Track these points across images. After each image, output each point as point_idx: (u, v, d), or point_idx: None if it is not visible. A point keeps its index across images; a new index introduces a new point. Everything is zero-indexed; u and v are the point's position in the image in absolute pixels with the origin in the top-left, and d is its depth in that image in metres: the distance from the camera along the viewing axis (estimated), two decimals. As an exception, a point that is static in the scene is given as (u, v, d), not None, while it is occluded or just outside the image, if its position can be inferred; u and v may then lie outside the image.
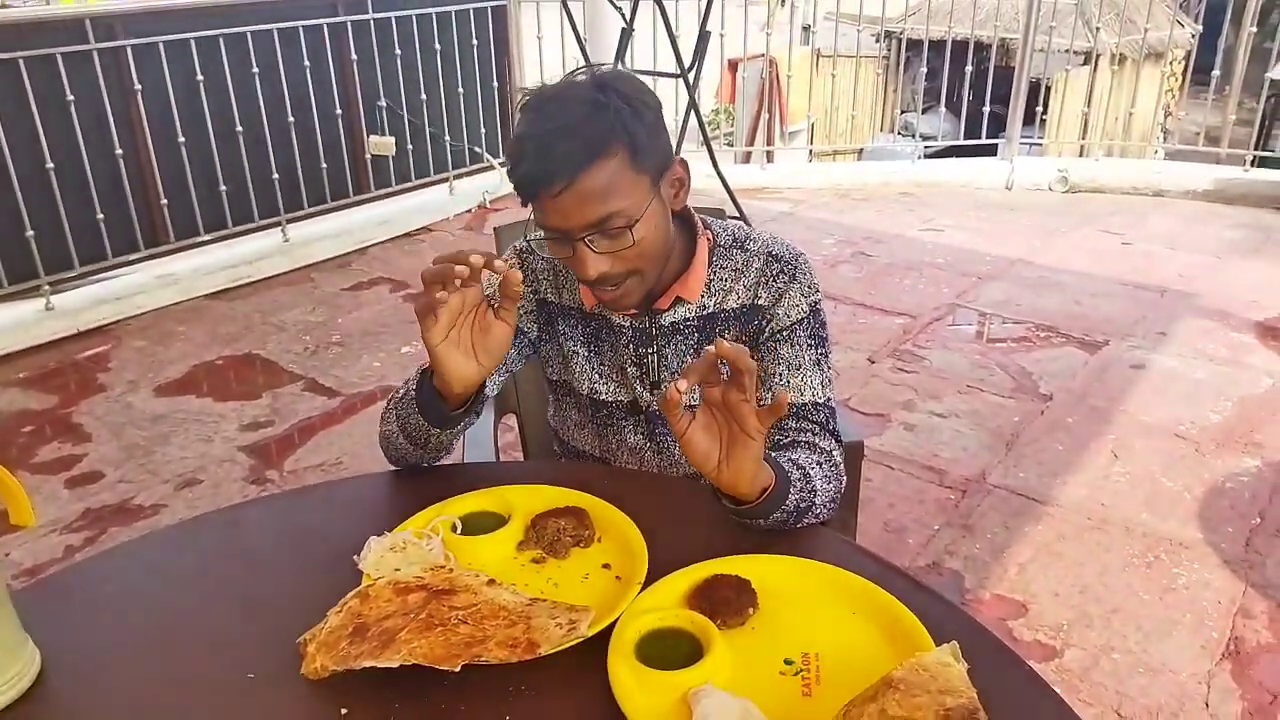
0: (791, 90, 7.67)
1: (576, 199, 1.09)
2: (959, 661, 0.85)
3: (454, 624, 0.90)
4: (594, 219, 1.10)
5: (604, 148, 1.09)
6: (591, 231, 1.11)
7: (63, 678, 0.92)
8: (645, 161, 1.13)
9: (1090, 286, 3.95)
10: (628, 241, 1.13)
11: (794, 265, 1.27)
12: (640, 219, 1.13)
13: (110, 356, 3.50)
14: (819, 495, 1.13)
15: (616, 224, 1.11)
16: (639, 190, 1.13)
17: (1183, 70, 7.00)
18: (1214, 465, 2.67)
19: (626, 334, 1.30)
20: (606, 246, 1.13)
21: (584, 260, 1.13)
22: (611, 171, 1.10)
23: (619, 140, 1.10)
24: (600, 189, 1.09)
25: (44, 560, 2.36)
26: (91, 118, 3.74)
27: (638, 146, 1.11)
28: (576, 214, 1.10)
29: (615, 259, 1.14)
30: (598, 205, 1.10)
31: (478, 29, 5.07)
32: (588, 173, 1.08)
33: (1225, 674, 1.95)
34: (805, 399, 1.24)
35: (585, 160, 1.08)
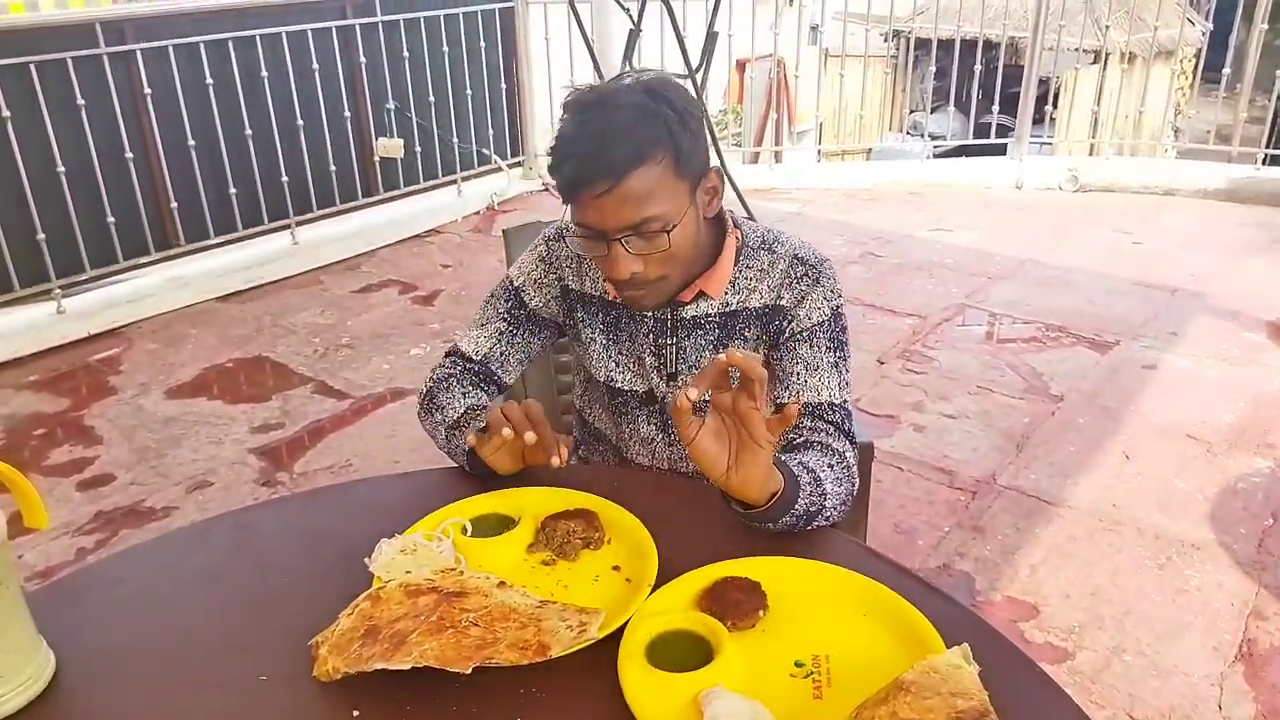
0: (800, 90, 7.68)
1: (617, 201, 1.12)
2: (970, 664, 0.84)
3: (465, 626, 0.91)
4: (632, 221, 1.13)
5: (651, 153, 1.11)
6: (628, 233, 1.14)
7: (76, 680, 0.93)
8: (687, 169, 1.15)
9: (1101, 286, 3.93)
10: (663, 245, 1.15)
11: (819, 269, 1.29)
12: (677, 225, 1.15)
13: (121, 359, 3.51)
14: (829, 499, 1.13)
15: (653, 228, 1.14)
16: (678, 197, 1.15)
17: (1193, 68, 6.98)
18: (1226, 466, 2.65)
19: (647, 324, 1.32)
20: (641, 248, 1.15)
21: (617, 260, 1.15)
22: (655, 177, 1.12)
23: (665, 147, 1.12)
24: (642, 193, 1.12)
25: (56, 562, 2.37)
26: (102, 121, 3.76)
27: (682, 154, 1.14)
28: (615, 215, 1.13)
29: (647, 261, 1.16)
30: (638, 208, 1.12)
31: (485, 31, 5.08)
32: (631, 177, 1.11)
33: (1238, 676, 1.93)
34: (822, 398, 1.25)
35: (632, 164, 1.11)
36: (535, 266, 1.36)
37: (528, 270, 1.37)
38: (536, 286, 1.36)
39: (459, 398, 1.29)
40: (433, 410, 1.31)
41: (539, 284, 1.36)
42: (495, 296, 1.39)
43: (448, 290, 4.09)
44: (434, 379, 1.35)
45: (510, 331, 1.37)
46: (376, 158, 4.83)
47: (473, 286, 4.10)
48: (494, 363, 1.36)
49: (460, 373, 1.35)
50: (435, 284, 4.16)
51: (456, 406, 1.28)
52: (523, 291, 1.36)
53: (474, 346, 1.37)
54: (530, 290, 1.36)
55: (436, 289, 4.11)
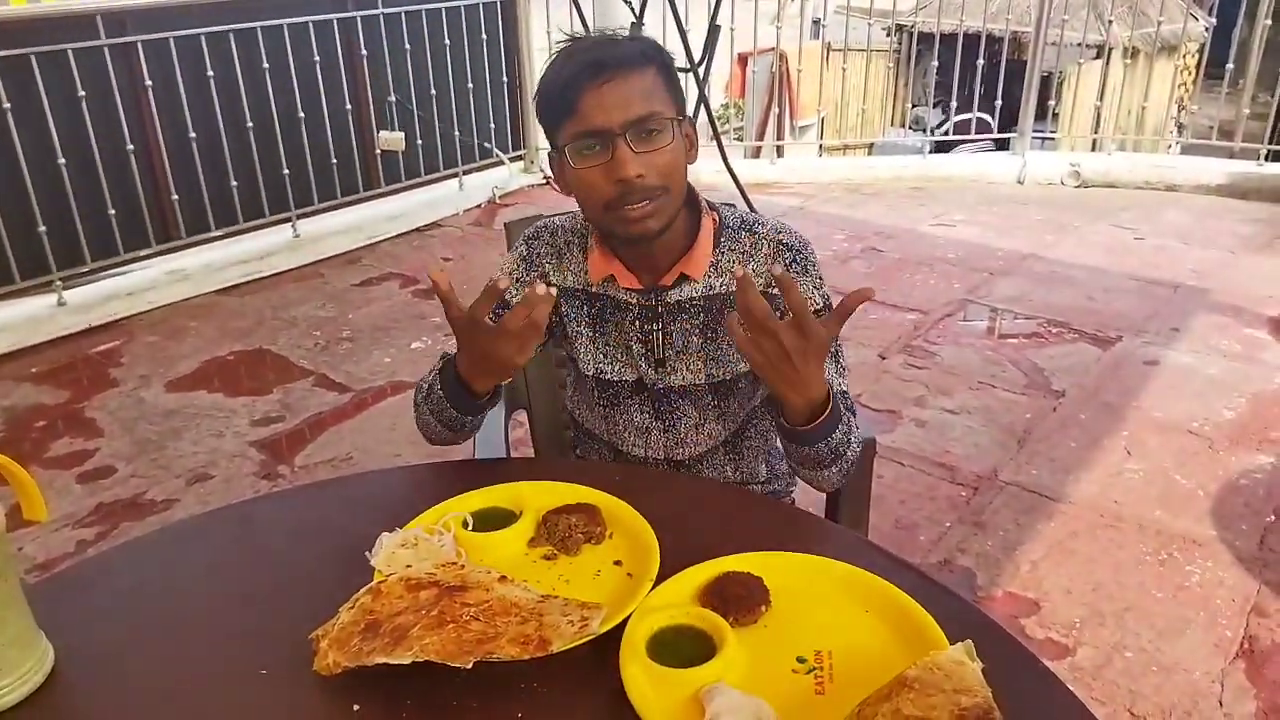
0: (802, 84, 7.66)
1: (621, 92, 1.15)
2: (974, 660, 0.84)
3: (466, 621, 0.90)
4: (635, 115, 1.15)
5: (646, 60, 1.19)
6: (634, 127, 1.16)
7: (76, 673, 0.92)
8: (674, 95, 1.21)
9: (1103, 282, 3.93)
10: (663, 141, 1.17)
11: (804, 255, 1.30)
12: (671, 123, 1.18)
13: (122, 352, 3.51)
14: (851, 448, 1.20)
15: (654, 125, 1.17)
16: (669, 106, 1.20)
17: (1196, 64, 6.96)
18: (1228, 462, 2.65)
19: (632, 311, 1.31)
20: (645, 147, 1.17)
21: (624, 159, 1.16)
22: (651, 78, 1.18)
23: (656, 64, 1.20)
24: (643, 88, 1.17)
25: (56, 555, 2.37)
26: (102, 113, 3.75)
27: (670, 78, 1.21)
28: (619, 107, 1.15)
29: (650, 164, 1.17)
30: (640, 102, 1.16)
31: (487, 24, 5.06)
32: (635, 71, 1.17)
33: (1239, 673, 1.93)
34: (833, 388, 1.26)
35: (632, 60, 1.17)
36: (517, 265, 1.36)
37: (509, 270, 1.36)
38: (519, 286, 1.35)
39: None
40: (418, 395, 1.31)
41: (521, 283, 1.35)
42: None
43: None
44: (422, 384, 1.33)
45: None
46: (378, 150, 4.81)
47: (474, 280, 4.09)
48: None
49: None
50: (436, 277, 4.15)
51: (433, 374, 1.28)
52: (507, 293, 1.34)
53: None
54: (515, 290, 1.35)
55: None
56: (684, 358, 1.32)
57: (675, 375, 1.33)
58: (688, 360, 1.32)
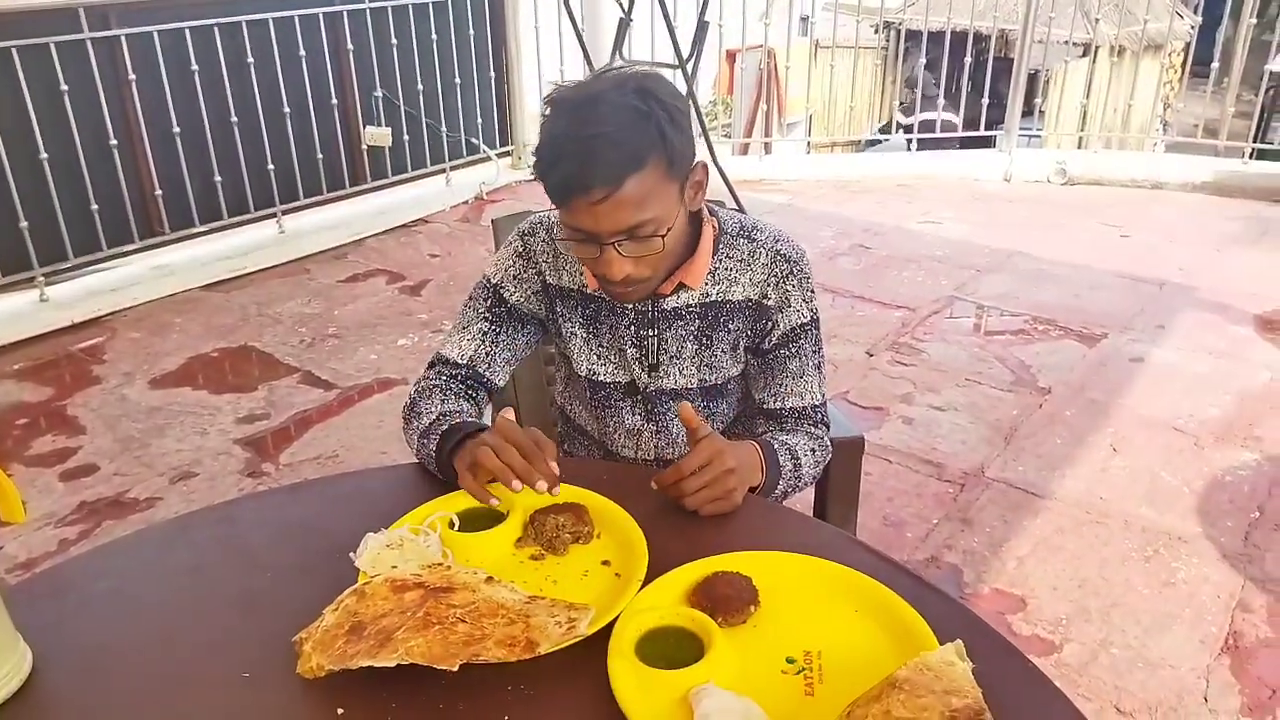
0: (790, 81, 7.66)
1: (613, 207, 1.10)
2: (964, 660, 0.84)
3: (452, 622, 0.89)
4: (627, 225, 1.12)
5: (646, 158, 1.10)
6: (623, 237, 1.12)
7: (54, 677, 0.91)
8: (677, 170, 1.15)
9: (1089, 279, 3.94)
10: (657, 247, 1.15)
11: (800, 267, 1.30)
12: (671, 227, 1.15)
13: (105, 348, 3.48)
14: (804, 480, 1.30)
15: (647, 231, 1.13)
16: (670, 198, 1.15)
17: (1181, 62, 7.00)
18: (1213, 459, 2.66)
19: (628, 316, 1.31)
20: (634, 250, 1.14)
21: (611, 263, 1.14)
22: (649, 182, 1.11)
23: (659, 151, 1.11)
24: (637, 198, 1.10)
25: (38, 554, 2.34)
26: (85, 108, 3.71)
27: (674, 156, 1.13)
28: (610, 220, 1.11)
29: (639, 262, 1.16)
30: (632, 213, 1.11)
31: (475, 19, 5.04)
32: (628, 182, 1.09)
33: (1224, 668, 1.94)
34: (806, 402, 1.34)
35: (628, 170, 1.09)
36: (513, 262, 1.34)
37: (505, 266, 1.34)
38: (516, 282, 1.33)
39: (436, 405, 1.26)
40: (411, 419, 1.27)
41: (518, 279, 1.33)
42: (474, 298, 1.35)
43: (436, 280, 4.06)
44: (418, 390, 1.31)
45: (494, 331, 1.33)
46: (364, 146, 4.78)
47: (461, 276, 4.08)
48: (481, 365, 1.32)
49: (445, 382, 1.31)
50: (423, 274, 4.14)
51: (431, 413, 1.24)
52: (502, 288, 1.33)
53: (458, 351, 1.33)
54: (510, 286, 1.33)
55: (424, 279, 4.08)
56: (678, 363, 1.32)
57: (668, 379, 1.33)
58: (681, 365, 1.33)
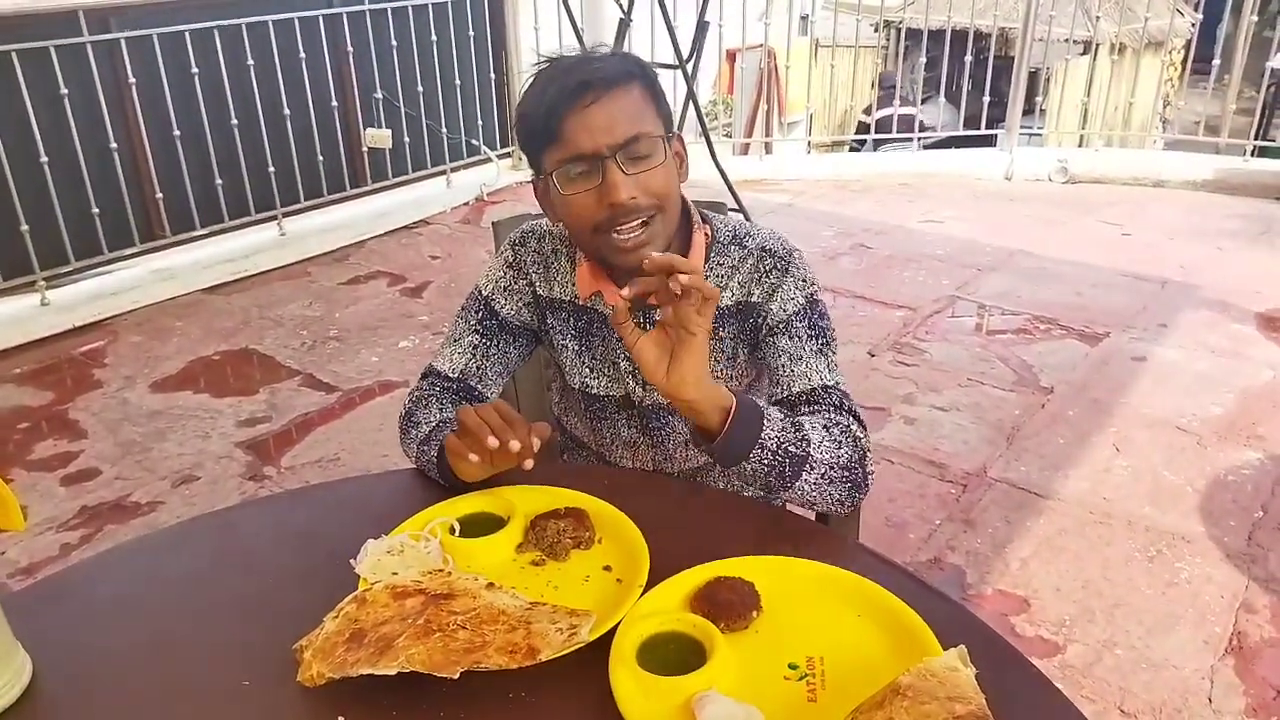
0: (790, 81, 7.65)
1: (607, 113, 1.11)
2: (968, 666, 0.83)
3: (453, 629, 0.89)
4: (624, 136, 1.12)
5: (629, 76, 1.14)
6: (622, 149, 1.12)
7: (54, 685, 0.91)
8: (660, 111, 1.18)
9: (1091, 278, 3.93)
10: (657, 161, 1.14)
11: (787, 260, 1.25)
12: (660, 141, 1.15)
13: (106, 352, 3.48)
14: (815, 448, 1.11)
15: (643, 150, 1.13)
16: (657, 124, 1.16)
17: (1182, 59, 6.97)
18: (1216, 458, 2.65)
19: None
20: (636, 168, 1.13)
21: (616, 182, 1.12)
22: (637, 96, 1.15)
23: (640, 81, 1.16)
24: (629, 108, 1.13)
25: (40, 559, 2.34)
26: (85, 111, 3.71)
27: (655, 94, 1.17)
28: (606, 131, 1.11)
29: (642, 184, 1.13)
30: (627, 123, 1.12)
31: (475, 20, 5.04)
32: (618, 88, 1.12)
33: (1228, 669, 1.94)
34: (812, 384, 1.21)
35: (617, 79, 1.13)
36: (503, 273, 1.33)
37: (495, 277, 1.33)
38: (506, 294, 1.32)
39: (434, 414, 1.24)
40: (409, 429, 1.26)
41: (509, 290, 1.32)
42: (466, 309, 1.34)
43: (437, 282, 4.06)
44: (412, 400, 1.30)
45: (485, 344, 1.31)
46: (364, 148, 4.79)
47: (462, 278, 4.07)
48: (472, 378, 1.31)
49: (439, 392, 1.30)
50: (424, 275, 4.13)
51: (430, 421, 1.23)
52: (493, 300, 1.32)
53: (449, 364, 1.31)
54: (500, 298, 1.32)
55: (425, 280, 4.08)
56: None
57: None
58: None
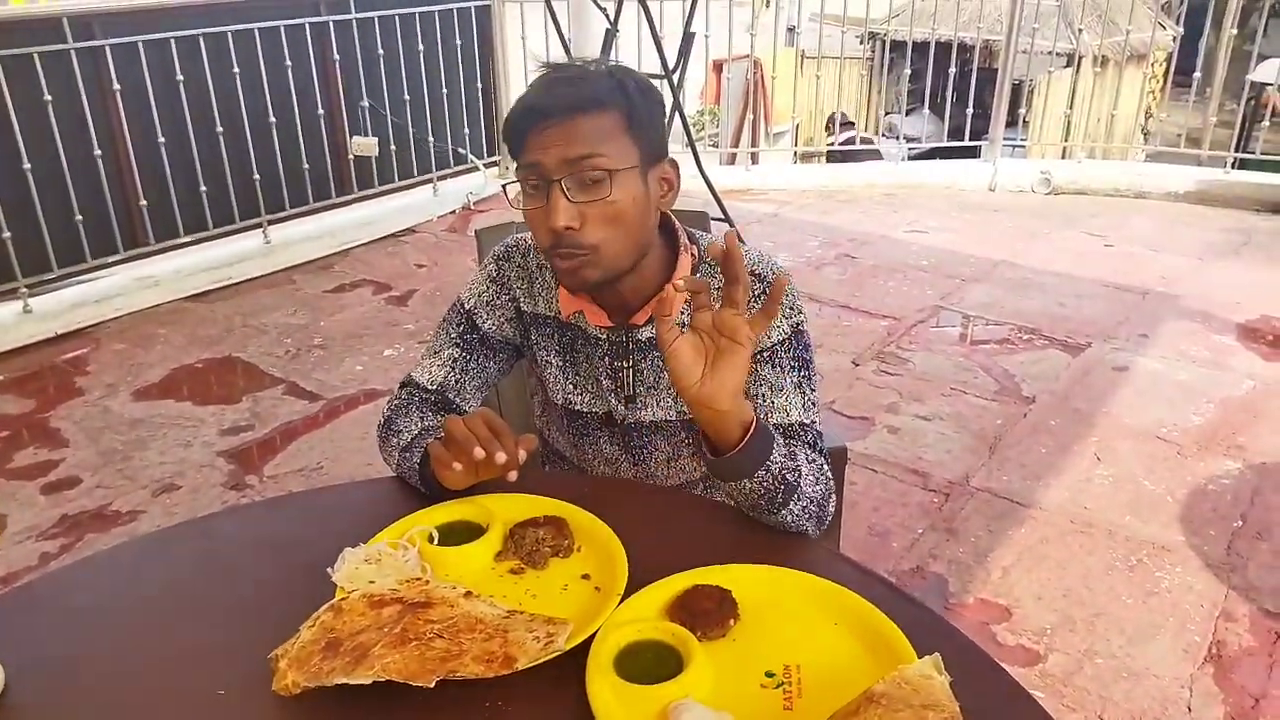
0: (776, 91, 7.69)
1: (563, 135, 1.10)
2: (942, 674, 0.84)
3: (429, 638, 0.89)
4: (574, 156, 1.10)
5: (603, 102, 1.11)
6: (569, 171, 1.10)
7: (27, 694, 0.90)
8: (639, 135, 1.14)
9: (1073, 288, 3.96)
10: (604, 192, 1.11)
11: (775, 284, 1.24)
12: (619, 174, 1.11)
13: (89, 360, 3.46)
14: (804, 480, 1.10)
15: (596, 167, 1.10)
16: (626, 153, 1.13)
17: (1164, 72, 7.04)
18: (1196, 468, 2.67)
19: (602, 346, 1.28)
20: (581, 196, 1.11)
21: (555, 206, 1.10)
22: (604, 125, 1.11)
23: (619, 103, 1.12)
24: (589, 133, 1.10)
25: (19, 568, 2.32)
26: (69, 118, 3.69)
27: (635, 117, 1.13)
28: (557, 149, 1.10)
29: (586, 216, 1.11)
30: (581, 145, 1.10)
31: (461, 29, 5.04)
32: (582, 115, 1.10)
33: (1208, 678, 1.95)
34: (791, 419, 1.22)
35: (582, 105, 1.10)
36: (486, 287, 1.32)
37: (479, 291, 1.32)
38: (489, 308, 1.31)
39: (416, 422, 1.24)
40: (389, 436, 1.25)
41: (491, 305, 1.31)
42: (448, 321, 1.34)
43: (422, 290, 4.06)
44: (391, 408, 1.30)
45: (464, 358, 1.31)
46: (350, 156, 4.78)
47: (447, 287, 4.07)
48: (450, 391, 1.30)
49: (419, 402, 1.30)
50: (410, 284, 4.13)
51: (412, 429, 1.23)
52: (475, 315, 1.31)
53: (428, 376, 1.31)
54: (483, 313, 1.31)
55: (411, 289, 4.07)
56: (654, 394, 1.28)
57: (646, 411, 1.29)
58: (658, 396, 1.28)
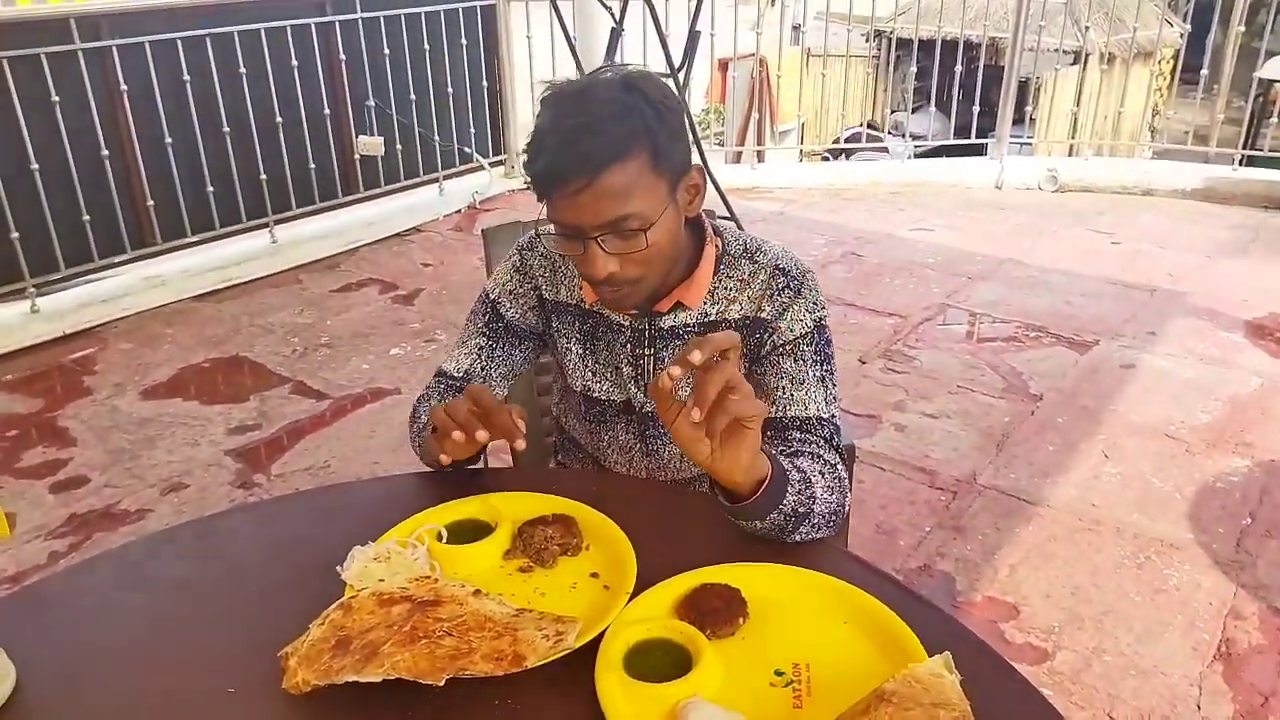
0: (782, 90, 7.68)
1: (593, 198, 1.08)
2: (952, 673, 0.83)
3: (439, 636, 0.89)
4: (609, 219, 1.09)
5: (627, 149, 1.08)
6: (605, 231, 1.10)
7: (39, 693, 0.90)
8: (665, 166, 1.12)
9: (1080, 286, 3.95)
10: (640, 244, 1.12)
11: (800, 281, 1.25)
12: (656, 223, 1.12)
13: (96, 359, 3.47)
14: (818, 503, 1.10)
15: (631, 225, 1.10)
16: (657, 194, 1.12)
17: (1171, 69, 7.02)
18: (1204, 465, 2.67)
19: (625, 334, 1.29)
20: (618, 247, 1.12)
21: (594, 260, 1.12)
22: (632, 173, 1.09)
23: (642, 143, 1.09)
24: (619, 189, 1.08)
25: (28, 566, 2.33)
26: (77, 118, 3.70)
27: (659, 150, 1.11)
28: (591, 212, 1.09)
29: (625, 261, 1.13)
30: (614, 205, 1.09)
31: (467, 29, 5.05)
32: (608, 173, 1.07)
33: (1217, 676, 1.94)
34: (809, 412, 1.22)
35: (607, 160, 1.07)
36: (510, 277, 1.34)
37: (503, 281, 1.35)
38: (513, 298, 1.34)
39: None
40: (413, 424, 1.32)
41: (515, 295, 1.34)
42: (475, 311, 1.37)
43: (428, 290, 4.06)
44: (419, 398, 1.35)
45: (490, 347, 1.34)
46: (357, 156, 4.79)
47: (454, 286, 4.08)
48: (476, 379, 1.34)
49: (445, 389, 1.34)
50: (416, 283, 4.13)
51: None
52: (499, 304, 1.34)
53: (455, 365, 1.35)
54: (507, 302, 1.34)
55: (417, 288, 4.08)
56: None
57: None
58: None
